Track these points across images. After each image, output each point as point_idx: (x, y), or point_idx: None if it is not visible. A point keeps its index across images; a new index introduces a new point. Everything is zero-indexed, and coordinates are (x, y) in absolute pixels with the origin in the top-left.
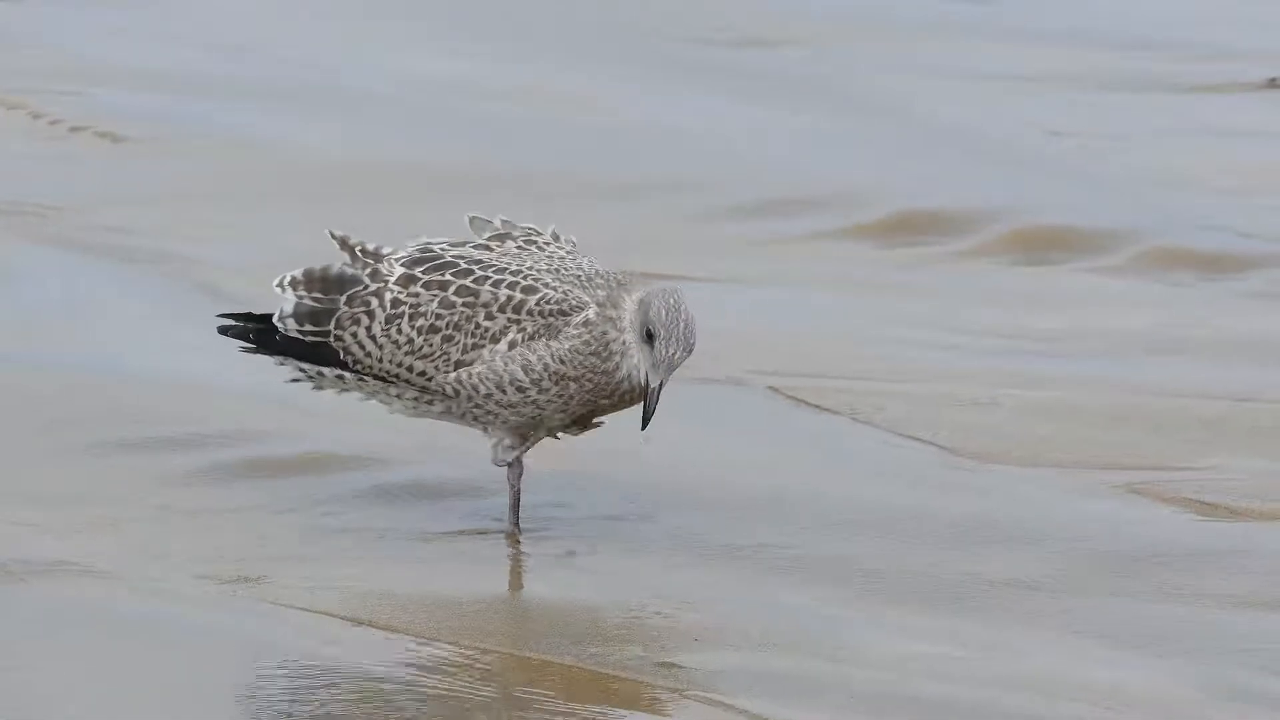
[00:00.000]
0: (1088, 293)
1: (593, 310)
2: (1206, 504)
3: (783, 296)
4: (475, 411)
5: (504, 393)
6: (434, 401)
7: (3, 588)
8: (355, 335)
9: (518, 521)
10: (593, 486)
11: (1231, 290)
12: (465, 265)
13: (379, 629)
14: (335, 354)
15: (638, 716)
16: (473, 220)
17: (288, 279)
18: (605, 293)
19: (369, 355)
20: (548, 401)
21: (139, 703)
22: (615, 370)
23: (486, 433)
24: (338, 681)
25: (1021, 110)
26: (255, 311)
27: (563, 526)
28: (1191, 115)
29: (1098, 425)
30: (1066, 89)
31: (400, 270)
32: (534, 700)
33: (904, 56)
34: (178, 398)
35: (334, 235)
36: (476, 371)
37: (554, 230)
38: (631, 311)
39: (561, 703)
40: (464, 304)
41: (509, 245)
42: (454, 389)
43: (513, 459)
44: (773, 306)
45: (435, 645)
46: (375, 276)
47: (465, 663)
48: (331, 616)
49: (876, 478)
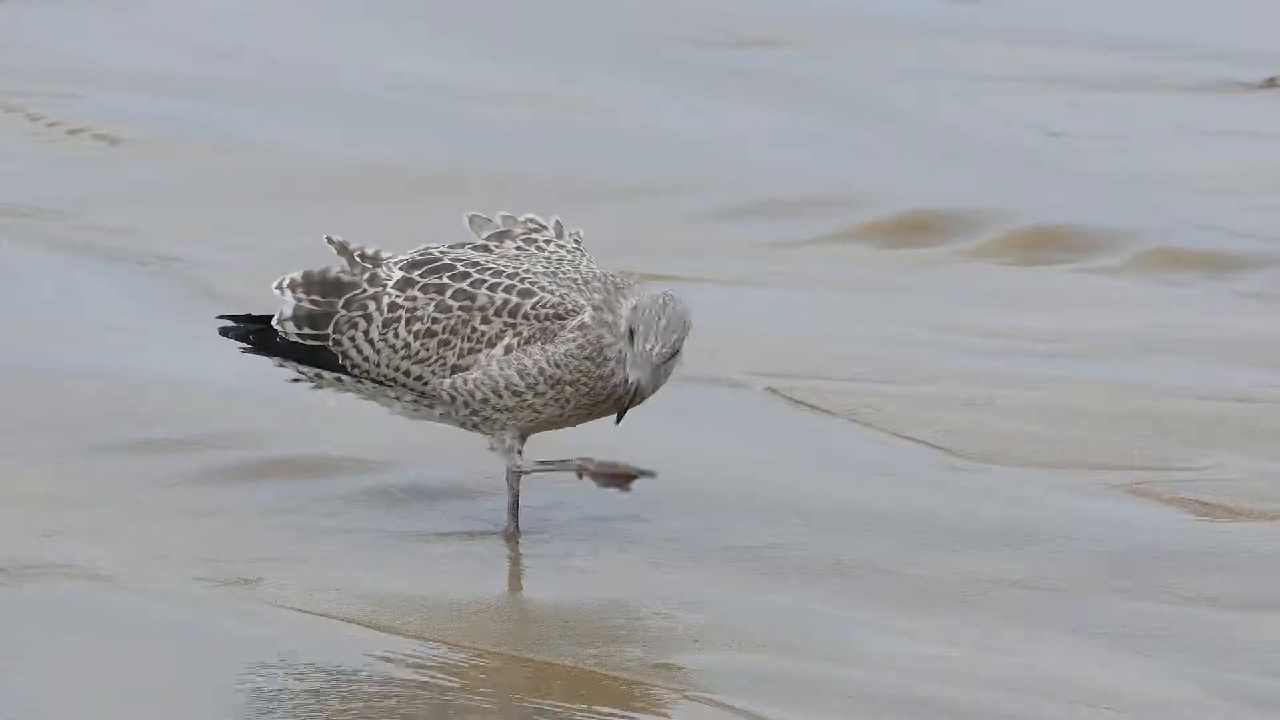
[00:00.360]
0: (1086, 293)
1: (588, 314)
2: (1205, 504)
3: (781, 298)
4: (474, 419)
5: (500, 397)
6: (434, 405)
7: (2, 590)
8: (353, 339)
9: (518, 523)
10: (591, 488)
11: (1230, 290)
12: (462, 268)
13: (378, 630)
14: (334, 357)
15: (637, 717)
16: (472, 219)
17: (286, 281)
18: (601, 296)
19: (366, 359)
20: (544, 405)
21: (138, 703)
22: (611, 376)
23: (489, 435)
24: (337, 683)
25: (1020, 111)
26: (255, 314)
27: (562, 528)
28: (1190, 116)
29: (1096, 426)
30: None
31: (398, 274)
32: (534, 702)
33: (903, 58)
34: (176, 399)
35: (332, 241)
36: (473, 377)
37: (557, 222)
38: (626, 318)
39: (561, 704)
40: (460, 308)
41: (508, 245)
42: (450, 395)
43: (530, 469)
44: (771, 307)
45: (434, 646)
46: (373, 281)
47: (465, 664)
48: (330, 618)
49: (875, 478)
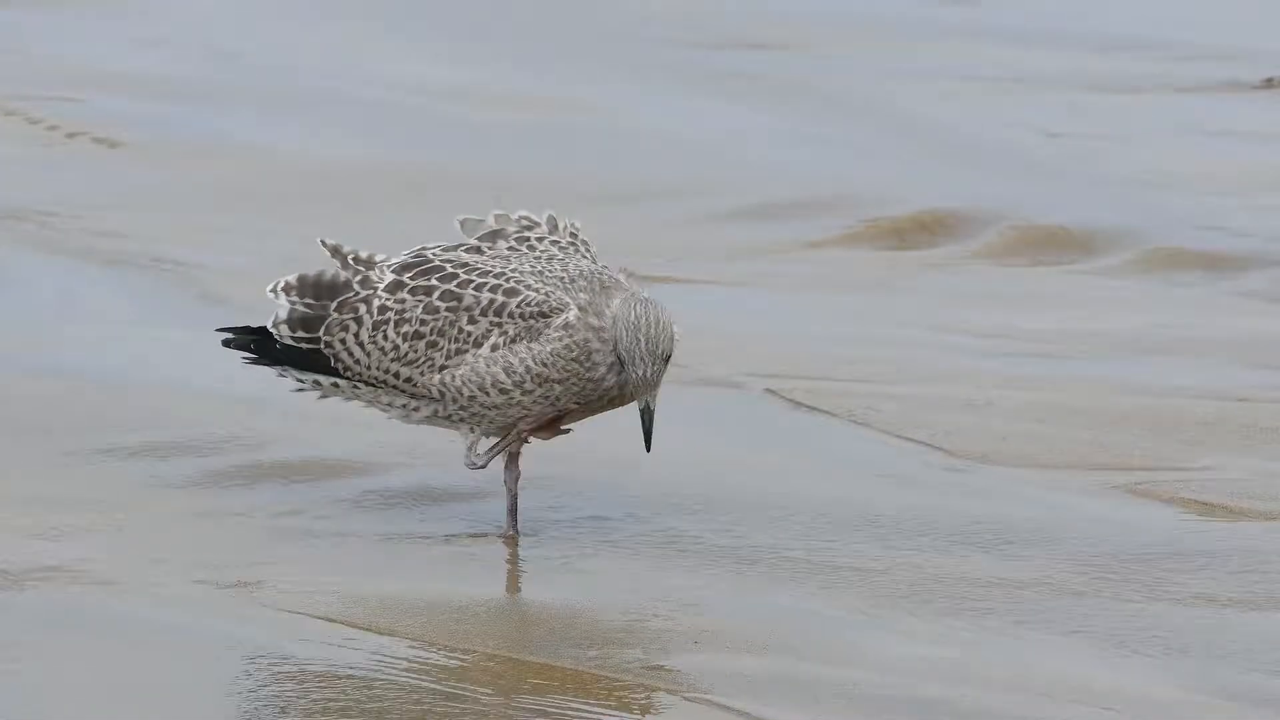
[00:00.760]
0: (1085, 293)
1: (573, 313)
2: (1205, 504)
3: (780, 299)
4: (461, 414)
5: (487, 394)
6: (420, 407)
7: (1, 592)
8: (344, 342)
9: (517, 525)
10: (590, 490)
11: (1228, 290)
12: (451, 269)
13: (378, 633)
14: (326, 360)
15: (637, 719)
16: (464, 222)
17: (281, 284)
18: (587, 296)
19: (357, 362)
20: (533, 402)
21: (136, 706)
22: (601, 380)
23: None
24: (336, 685)
25: (1018, 112)
26: (253, 324)
27: (561, 530)
28: (1188, 115)
29: (1094, 426)
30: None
31: (390, 277)
32: (534, 704)
33: (901, 59)
34: (175, 402)
35: (325, 244)
36: (460, 374)
37: (550, 216)
38: (609, 330)
39: (561, 706)
40: (447, 309)
41: (501, 245)
42: (439, 391)
43: (484, 462)
44: (770, 309)
45: (434, 649)
46: (365, 284)
47: (465, 667)
48: (330, 621)
49: (874, 479)
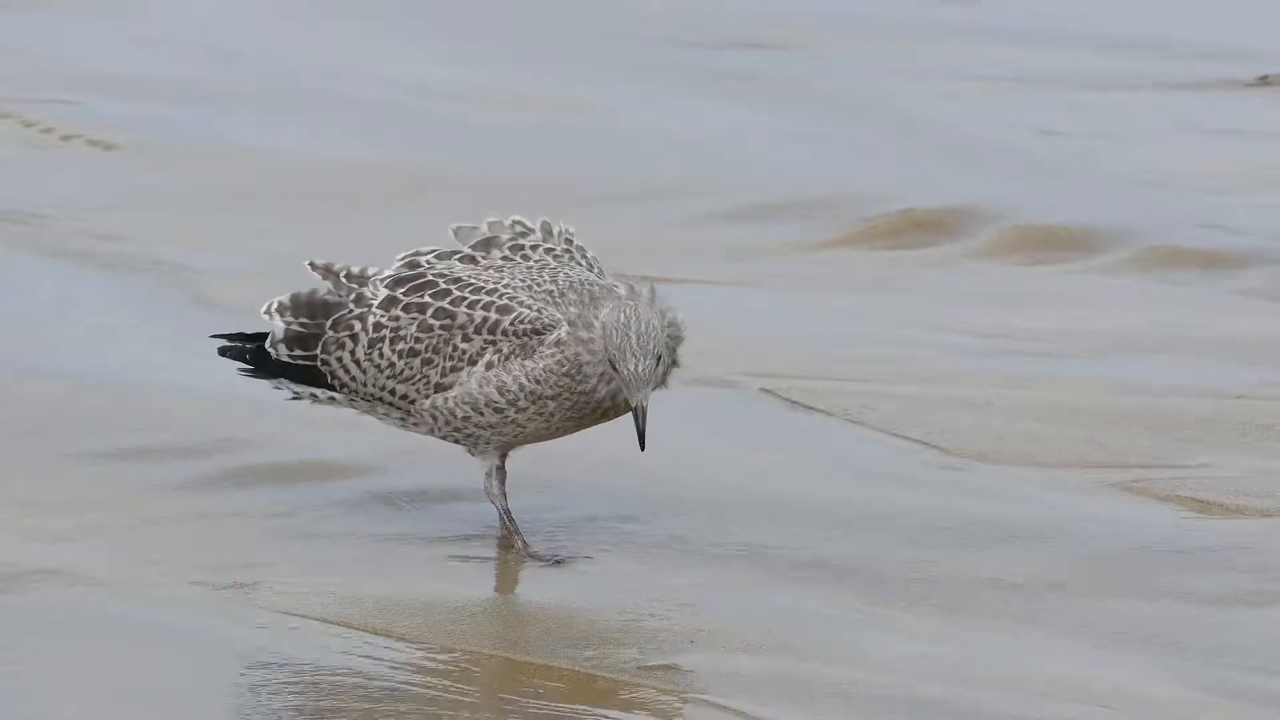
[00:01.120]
0: (1083, 292)
1: (564, 329)
2: (1202, 502)
3: (777, 298)
4: (455, 435)
5: (482, 414)
6: (419, 424)
7: None
8: (340, 359)
9: (517, 528)
10: (586, 490)
11: (1225, 289)
12: (444, 285)
13: (375, 634)
14: (324, 376)
15: (634, 719)
16: (457, 230)
17: (274, 305)
18: (577, 310)
19: (354, 379)
20: (528, 420)
21: (134, 707)
22: (593, 392)
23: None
24: (333, 686)
25: (1016, 111)
26: (249, 331)
27: (556, 530)
28: (1186, 114)
29: (1092, 424)
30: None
31: (384, 292)
32: (530, 704)
33: (898, 59)
34: (171, 404)
35: (315, 266)
36: (452, 396)
37: (544, 223)
38: (599, 341)
39: (558, 706)
40: (441, 326)
41: (494, 254)
42: (431, 415)
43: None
44: (768, 308)
45: (431, 650)
46: (359, 301)
47: (461, 667)
48: (327, 622)
49: (870, 478)
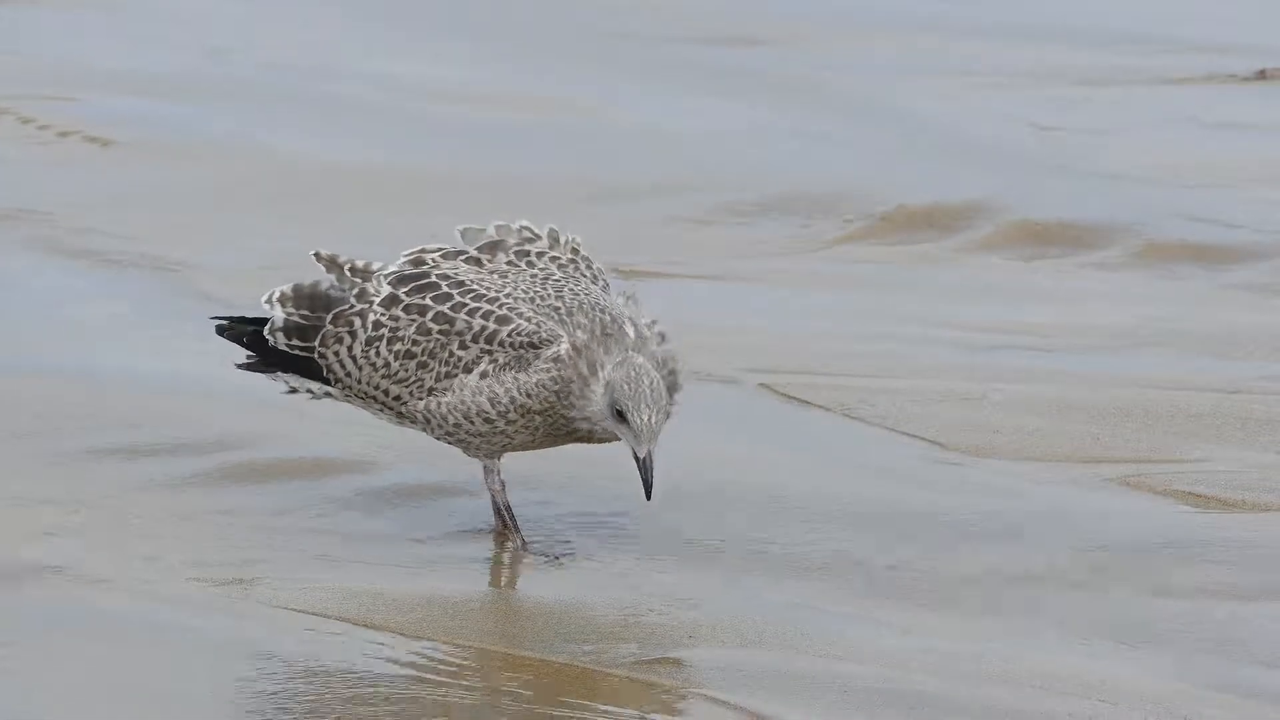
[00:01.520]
0: (1079, 287)
1: (564, 348)
2: (1199, 496)
3: (775, 294)
4: (448, 439)
5: (472, 423)
6: (413, 423)
7: None
8: (337, 354)
9: (516, 524)
10: (584, 485)
11: (1222, 283)
12: (446, 289)
13: (374, 629)
14: (319, 369)
15: (633, 714)
16: (464, 232)
17: (276, 295)
18: (586, 336)
19: (349, 375)
20: (515, 432)
21: (133, 705)
22: (573, 421)
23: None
24: (332, 682)
25: (1012, 106)
26: (248, 315)
27: (555, 526)
28: (1183, 109)
29: (1089, 419)
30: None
31: (386, 290)
32: (529, 699)
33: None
34: (170, 402)
35: (320, 256)
36: (445, 401)
37: (552, 230)
38: (601, 394)
39: (557, 701)
40: (439, 331)
41: (500, 259)
42: (424, 417)
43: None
44: (765, 304)
45: (430, 645)
46: (361, 296)
47: (460, 662)
48: (326, 617)
49: (869, 474)
